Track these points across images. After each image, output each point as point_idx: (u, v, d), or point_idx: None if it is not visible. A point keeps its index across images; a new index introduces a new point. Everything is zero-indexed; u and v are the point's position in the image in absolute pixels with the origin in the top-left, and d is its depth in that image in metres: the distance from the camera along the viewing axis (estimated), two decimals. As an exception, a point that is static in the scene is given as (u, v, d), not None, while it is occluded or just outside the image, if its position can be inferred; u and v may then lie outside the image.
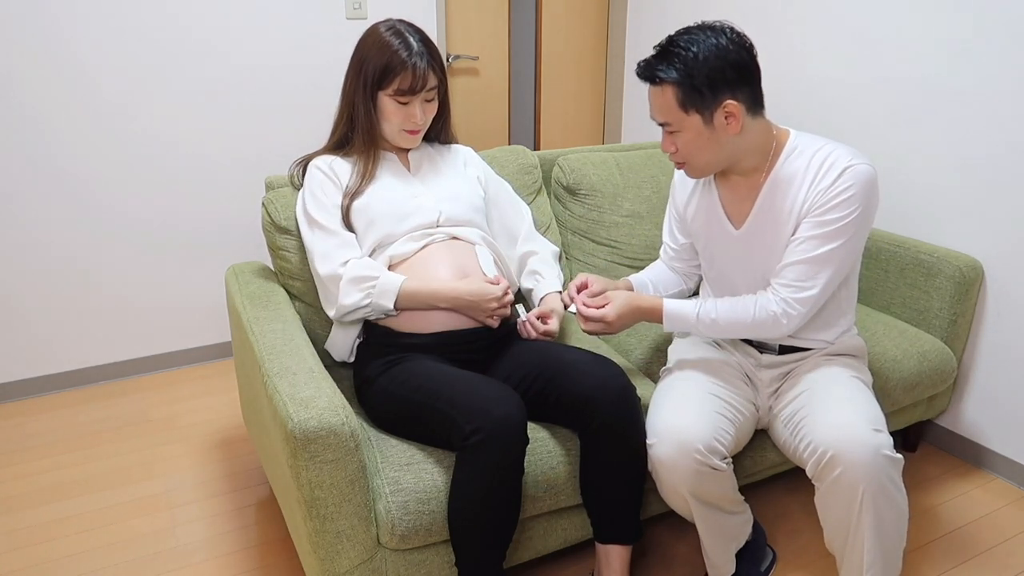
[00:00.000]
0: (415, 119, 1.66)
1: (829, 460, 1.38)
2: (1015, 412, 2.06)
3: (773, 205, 1.52)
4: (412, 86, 1.61)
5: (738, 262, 1.61)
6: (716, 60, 1.40)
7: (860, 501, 1.37)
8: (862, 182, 1.43)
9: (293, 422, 1.26)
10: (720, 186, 1.61)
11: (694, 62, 1.39)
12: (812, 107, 2.45)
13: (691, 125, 1.44)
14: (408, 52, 1.60)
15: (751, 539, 1.66)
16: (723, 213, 1.60)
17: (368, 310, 1.61)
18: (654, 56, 1.45)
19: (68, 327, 2.54)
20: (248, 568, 1.77)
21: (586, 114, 3.52)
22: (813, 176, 1.47)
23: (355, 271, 1.60)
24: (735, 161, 1.52)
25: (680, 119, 1.44)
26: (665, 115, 1.46)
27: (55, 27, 2.30)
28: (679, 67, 1.40)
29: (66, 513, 1.95)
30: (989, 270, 2.06)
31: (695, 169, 1.52)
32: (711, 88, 1.40)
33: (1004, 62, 1.93)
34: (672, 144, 1.50)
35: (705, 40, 1.41)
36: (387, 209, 1.66)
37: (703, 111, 1.42)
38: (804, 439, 1.46)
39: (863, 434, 1.37)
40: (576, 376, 1.49)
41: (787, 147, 1.52)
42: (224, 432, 2.32)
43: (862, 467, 1.35)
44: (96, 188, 2.47)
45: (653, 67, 1.43)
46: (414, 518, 1.38)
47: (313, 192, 1.68)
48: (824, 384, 1.53)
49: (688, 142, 1.47)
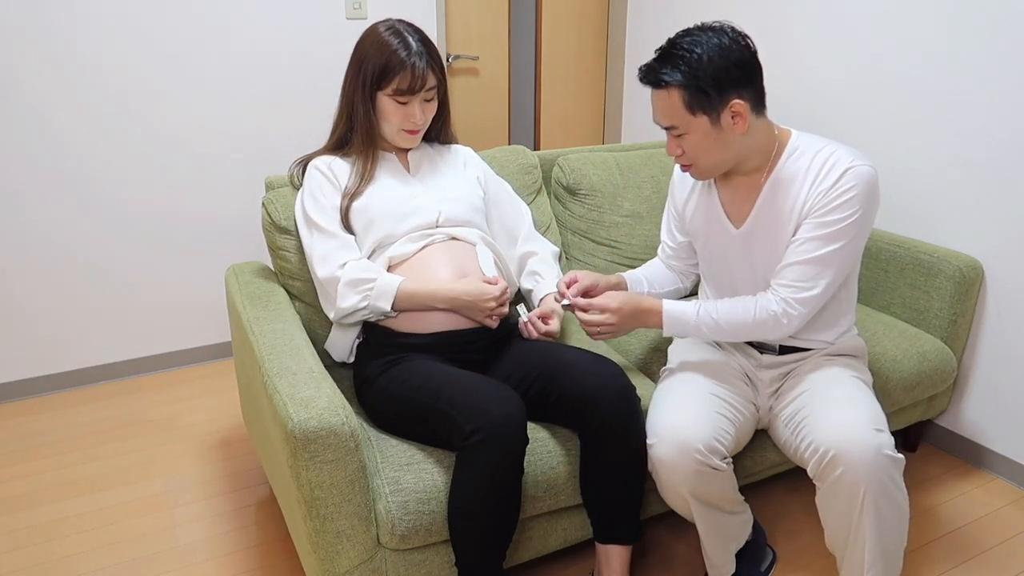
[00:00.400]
0: (414, 119, 1.65)
1: (831, 460, 1.38)
2: (1015, 412, 2.06)
3: (774, 205, 1.52)
4: (411, 86, 1.61)
5: (738, 261, 1.60)
6: (720, 60, 1.39)
7: (861, 501, 1.37)
8: (864, 183, 1.43)
9: (293, 422, 1.26)
10: (720, 186, 1.61)
11: (699, 63, 1.38)
12: (812, 108, 2.45)
13: (698, 127, 1.43)
14: (407, 52, 1.60)
15: (751, 539, 1.66)
16: (723, 213, 1.60)
17: (367, 312, 1.61)
18: (656, 60, 1.44)
19: (68, 327, 2.54)
20: (248, 568, 1.77)
21: (586, 114, 3.52)
22: (814, 177, 1.47)
23: (352, 273, 1.60)
24: (740, 161, 1.52)
25: (687, 121, 1.43)
26: (671, 118, 1.44)
27: (56, 26, 2.30)
28: (684, 69, 1.39)
29: (66, 513, 1.95)
30: (989, 270, 2.06)
31: (702, 171, 1.52)
32: (717, 89, 1.39)
33: (1004, 62, 1.93)
34: (678, 147, 1.49)
35: (708, 41, 1.40)
36: (386, 209, 1.66)
37: (710, 112, 1.42)
38: (805, 439, 1.46)
39: (864, 434, 1.37)
40: (576, 376, 1.49)
41: (788, 147, 1.52)
42: (224, 432, 2.32)
43: (863, 467, 1.35)
44: (96, 188, 2.47)
45: (657, 71, 1.42)
46: (414, 518, 1.38)
47: (312, 193, 1.68)
48: (825, 384, 1.53)
49: (696, 144, 1.46)
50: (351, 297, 1.59)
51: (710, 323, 1.54)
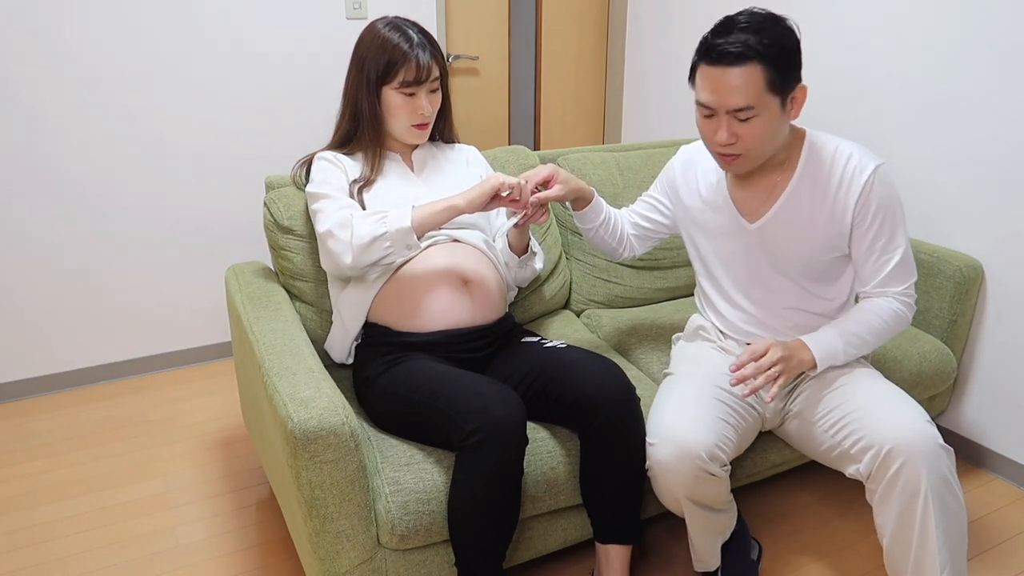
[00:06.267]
0: (423, 110, 1.65)
1: (887, 455, 1.35)
2: (1015, 412, 2.06)
3: (799, 204, 1.51)
4: (417, 77, 1.61)
5: (753, 257, 1.59)
6: (791, 41, 1.35)
7: (924, 495, 1.32)
8: (887, 181, 1.47)
9: (293, 422, 1.26)
10: (732, 183, 1.59)
11: (780, 40, 1.33)
12: (811, 107, 2.45)
13: (770, 108, 1.35)
14: (409, 44, 1.61)
15: (736, 530, 1.66)
16: (736, 209, 1.58)
17: (387, 245, 1.54)
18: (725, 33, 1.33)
19: (68, 327, 2.54)
20: (248, 568, 1.77)
21: (586, 114, 3.52)
22: (839, 179, 1.47)
23: (364, 214, 1.57)
24: (773, 153, 1.48)
25: (764, 102, 1.34)
26: (748, 97, 1.33)
27: (54, 25, 2.29)
28: (767, 43, 1.30)
29: (66, 513, 1.95)
30: (989, 270, 2.05)
31: (750, 160, 1.44)
32: (795, 69, 1.35)
33: (1005, 62, 1.93)
34: (733, 134, 1.38)
35: (772, 22, 1.34)
36: (390, 207, 1.65)
37: (784, 93, 1.36)
38: (851, 436, 1.43)
39: (920, 425, 1.35)
40: (576, 376, 1.49)
41: (806, 144, 1.52)
42: (224, 432, 2.32)
43: (923, 458, 1.32)
44: (96, 188, 2.47)
45: (736, 43, 1.30)
46: (414, 518, 1.38)
47: (323, 173, 1.67)
48: (856, 382, 1.51)
49: (763, 128, 1.37)
50: (367, 226, 1.53)
51: (856, 342, 1.51)
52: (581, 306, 2.17)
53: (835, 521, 1.93)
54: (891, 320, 1.52)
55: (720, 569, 1.63)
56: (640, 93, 3.26)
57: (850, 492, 2.04)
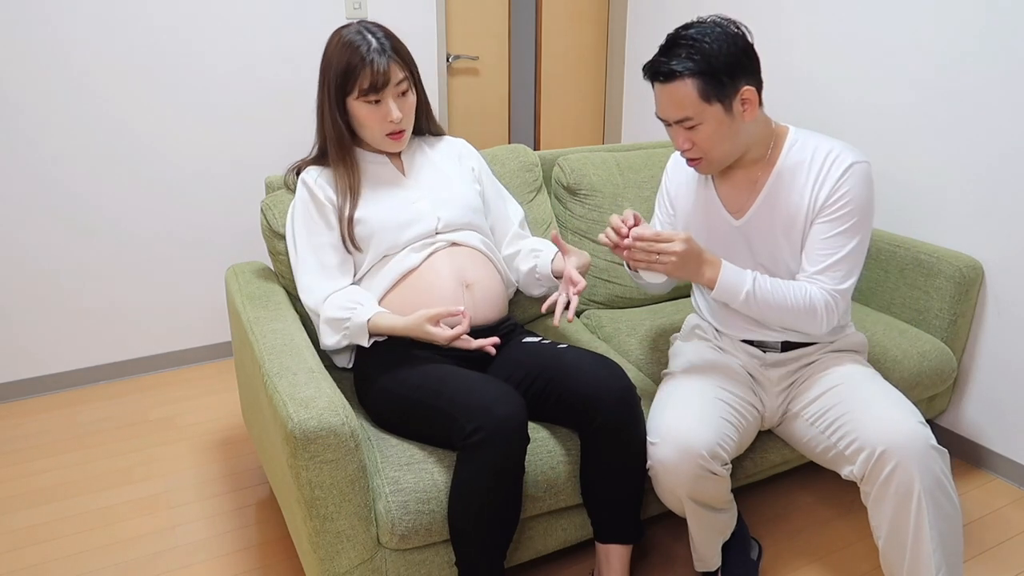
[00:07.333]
0: (391, 117, 1.60)
1: (880, 456, 1.36)
2: (1015, 412, 2.06)
3: (778, 196, 1.52)
4: (374, 83, 1.55)
5: (740, 253, 1.60)
6: (729, 47, 1.39)
7: (917, 497, 1.33)
8: (867, 180, 1.47)
9: (293, 422, 1.26)
10: (717, 180, 1.61)
11: (711, 51, 1.38)
12: (811, 107, 2.45)
13: (712, 116, 1.42)
14: (367, 48, 1.55)
15: (736, 530, 1.66)
16: (721, 206, 1.60)
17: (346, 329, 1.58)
18: (663, 53, 1.43)
19: (68, 327, 2.54)
20: (248, 568, 1.77)
21: (586, 114, 3.52)
22: (818, 170, 1.49)
23: (330, 312, 1.58)
24: (744, 152, 1.52)
25: (701, 111, 1.41)
26: (685, 109, 1.42)
27: (49, 29, 2.29)
28: (696, 58, 1.38)
29: (66, 513, 1.95)
30: (989, 270, 2.06)
31: (713, 163, 1.50)
32: (730, 75, 1.39)
33: (1004, 62, 1.93)
34: (688, 140, 1.47)
35: (712, 31, 1.40)
36: (386, 220, 1.64)
37: (724, 100, 1.41)
38: (845, 438, 1.44)
39: (911, 426, 1.35)
40: (577, 376, 1.49)
41: (788, 140, 1.54)
42: (224, 432, 2.32)
43: (915, 459, 1.33)
44: (96, 188, 2.47)
45: (667, 63, 1.40)
46: (414, 518, 1.38)
47: (300, 211, 1.66)
48: (851, 381, 1.52)
49: (709, 135, 1.44)
50: (332, 336, 1.60)
51: (762, 302, 1.48)
52: (581, 306, 2.17)
53: (834, 521, 1.93)
54: (804, 307, 1.48)
55: (720, 569, 1.64)
56: (640, 93, 3.26)
57: (850, 492, 2.04)
